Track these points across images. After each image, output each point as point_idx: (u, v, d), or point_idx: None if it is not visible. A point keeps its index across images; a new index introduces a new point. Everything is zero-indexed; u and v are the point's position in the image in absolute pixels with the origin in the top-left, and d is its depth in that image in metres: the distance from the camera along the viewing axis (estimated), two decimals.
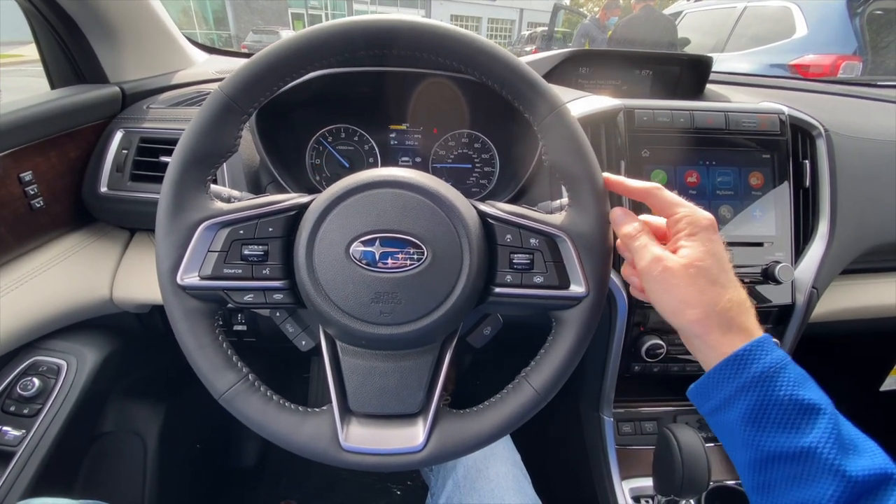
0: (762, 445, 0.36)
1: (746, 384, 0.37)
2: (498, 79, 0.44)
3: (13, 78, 4.47)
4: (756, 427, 0.36)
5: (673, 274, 0.40)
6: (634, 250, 0.43)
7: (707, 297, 0.39)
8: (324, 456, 0.43)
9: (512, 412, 0.45)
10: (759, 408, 0.36)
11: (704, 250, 0.40)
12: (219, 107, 0.42)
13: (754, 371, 0.37)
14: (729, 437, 0.39)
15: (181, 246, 0.43)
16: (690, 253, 0.40)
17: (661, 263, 0.41)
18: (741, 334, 0.39)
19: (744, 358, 0.37)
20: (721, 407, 0.39)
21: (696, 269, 0.39)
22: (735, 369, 0.38)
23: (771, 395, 0.36)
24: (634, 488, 0.78)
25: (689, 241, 0.41)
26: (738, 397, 0.37)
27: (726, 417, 0.38)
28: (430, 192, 0.43)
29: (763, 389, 0.36)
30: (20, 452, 0.65)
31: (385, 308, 0.42)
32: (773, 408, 0.36)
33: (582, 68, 0.96)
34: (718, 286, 0.39)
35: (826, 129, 0.75)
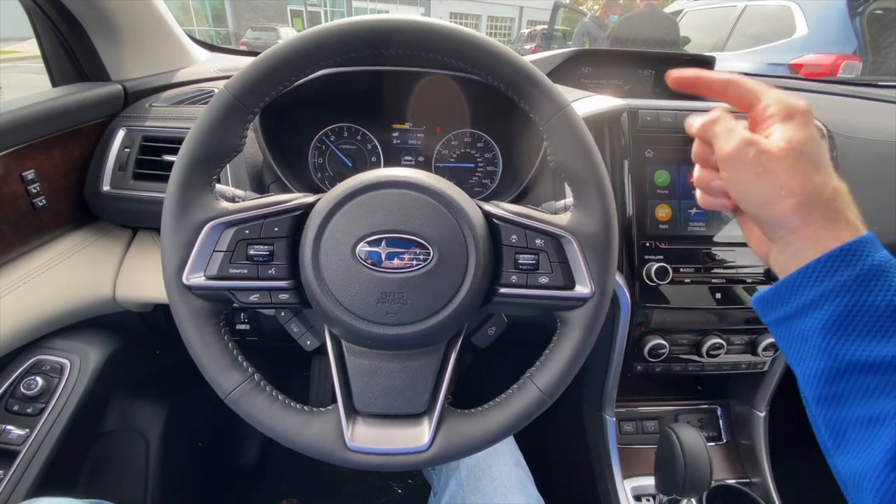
0: (842, 354, 0.32)
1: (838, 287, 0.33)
2: (503, 79, 0.44)
3: (11, 74, 4.45)
4: (840, 335, 0.32)
5: (771, 157, 0.35)
6: (718, 135, 0.38)
7: (813, 184, 0.34)
8: (330, 455, 0.43)
9: (517, 412, 0.45)
10: (849, 314, 0.32)
11: (806, 134, 0.35)
12: (225, 106, 0.42)
13: (851, 273, 0.32)
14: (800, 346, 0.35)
15: (187, 246, 0.43)
16: (791, 136, 0.35)
17: (755, 146, 0.35)
18: (847, 227, 0.34)
19: (840, 258, 0.33)
20: (797, 313, 0.35)
21: (799, 153, 0.34)
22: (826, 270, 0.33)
23: (866, 300, 0.32)
24: (636, 487, 0.78)
25: (786, 125, 0.36)
26: (824, 302, 0.33)
27: (801, 325, 0.34)
28: (436, 193, 0.43)
29: (858, 293, 0.32)
30: (24, 451, 0.65)
31: (391, 308, 0.42)
32: (867, 314, 0.32)
33: (584, 68, 0.96)
34: (823, 173, 0.34)
35: (828, 129, 0.76)
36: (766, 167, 0.35)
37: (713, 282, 0.71)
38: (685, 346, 0.76)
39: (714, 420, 0.88)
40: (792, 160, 0.34)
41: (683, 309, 0.72)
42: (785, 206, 0.35)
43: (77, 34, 0.79)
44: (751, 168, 0.36)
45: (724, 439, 0.87)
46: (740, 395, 0.89)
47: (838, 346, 0.32)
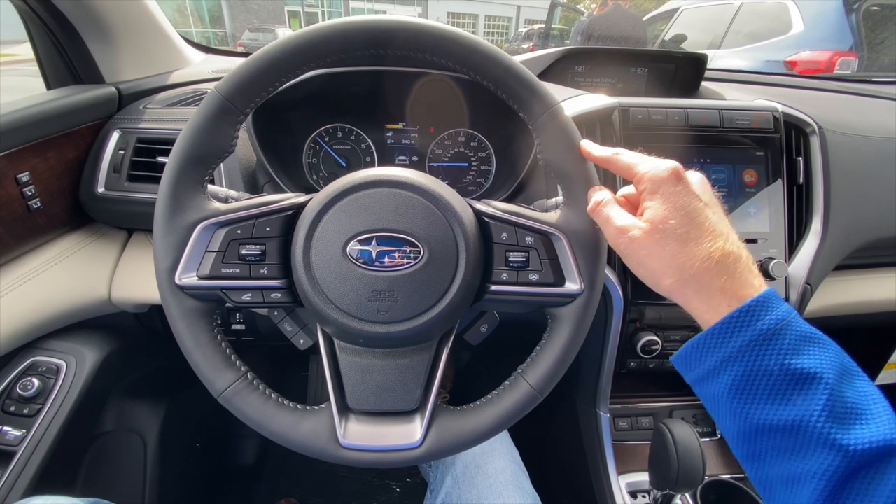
0: (750, 417, 0.33)
1: (732, 354, 0.34)
2: (493, 78, 0.44)
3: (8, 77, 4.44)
4: (743, 399, 0.33)
5: (639, 244, 0.37)
6: (601, 224, 0.41)
7: (680, 261, 0.35)
8: (323, 453, 0.44)
9: (509, 408, 0.45)
10: (746, 379, 0.33)
11: (669, 207, 0.36)
12: (215, 108, 0.42)
13: (741, 340, 0.33)
14: (715, 407, 0.36)
15: (179, 246, 0.43)
16: (653, 215, 0.37)
17: (624, 235, 0.38)
18: (724, 297, 0.34)
19: (730, 326, 0.34)
20: (705, 378, 0.36)
21: (662, 234, 0.36)
22: (719, 339, 0.34)
23: (758, 365, 0.33)
24: (631, 483, 0.79)
25: (651, 201, 0.37)
26: (724, 369, 0.34)
27: (711, 389, 0.36)
28: (426, 192, 0.44)
29: (751, 359, 0.33)
30: (21, 452, 0.65)
31: (382, 306, 0.42)
32: (762, 378, 0.33)
33: (578, 66, 0.96)
34: (691, 245, 0.35)
35: (820, 126, 0.76)
36: (638, 254, 0.37)
37: None
38: (678, 342, 0.76)
39: (708, 416, 0.89)
40: (657, 243, 0.36)
41: (676, 305, 0.72)
42: (664, 287, 0.37)
43: (71, 37, 0.80)
44: (628, 255, 0.39)
45: (718, 435, 0.87)
46: None
47: (745, 409, 0.33)
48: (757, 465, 0.34)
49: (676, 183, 0.37)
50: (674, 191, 0.37)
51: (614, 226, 0.39)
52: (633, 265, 0.39)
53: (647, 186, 0.38)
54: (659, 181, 0.37)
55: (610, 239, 0.40)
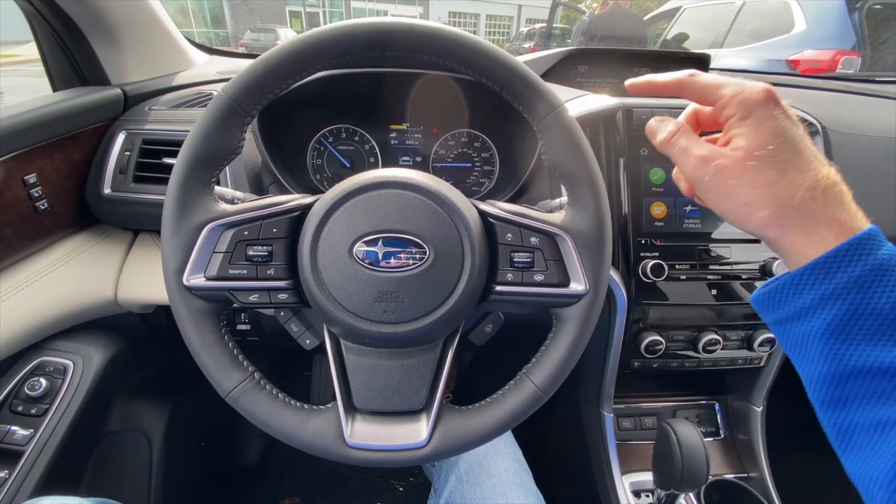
0: (846, 359, 0.30)
1: (837, 291, 0.30)
2: (497, 80, 0.44)
3: (11, 78, 4.45)
4: (842, 339, 0.30)
5: (729, 173, 0.33)
6: (675, 159, 0.37)
7: (779, 190, 0.32)
8: (329, 452, 0.44)
9: (514, 408, 0.46)
10: (850, 318, 0.30)
11: (766, 132, 0.32)
12: (222, 110, 0.43)
13: (850, 275, 0.30)
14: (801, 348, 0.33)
15: (187, 247, 0.43)
16: (748, 142, 0.33)
17: (710, 165, 0.34)
18: (831, 229, 0.31)
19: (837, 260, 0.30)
20: (796, 316, 0.32)
21: (758, 161, 0.32)
22: (823, 274, 0.31)
23: (867, 303, 0.30)
24: (634, 482, 0.79)
25: (742, 127, 0.33)
26: (823, 306, 0.31)
27: (802, 329, 0.32)
28: (431, 193, 0.44)
29: (857, 297, 0.30)
30: (28, 451, 0.66)
31: (388, 307, 0.43)
32: (869, 318, 0.30)
33: (580, 67, 0.96)
34: (793, 173, 0.32)
35: (823, 125, 0.76)
36: (726, 184, 0.33)
37: (709, 278, 0.71)
38: (682, 342, 0.77)
39: (712, 415, 0.89)
40: (751, 170, 0.32)
41: (680, 305, 0.73)
42: (756, 221, 0.33)
43: (77, 39, 0.80)
44: (712, 187, 0.35)
45: (722, 434, 0.87)
46: (737, 390, 0.89)
47: (841, 350, 0.31)
48: (840, 411, 0.31)
49: (773, 106, 0.33)
50: (771, 114, 0.33)
51: (696, 155, 0.35)
52: (716, 198, 0.35)
53: (735, 111, 0.34)
54: (753, 104, 0.33)
55: (690, 169, 0.35)
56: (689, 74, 0.38)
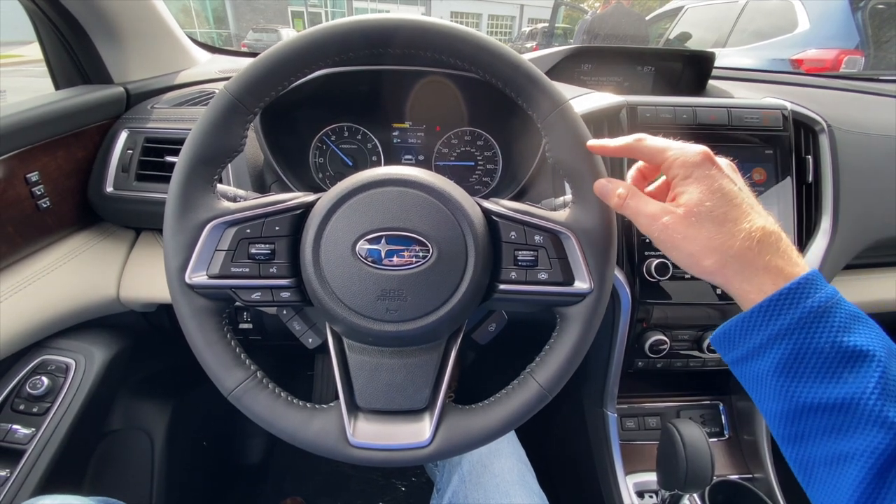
0: (796, 396, 0.32)
1: (780, 332, 0.33)
2: (501, 77, 0.44)
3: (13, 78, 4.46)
4: (790, 378, 0.32)
5: (674, 229, 0.36)
6: (630, 217, 0.40)
7: (717, 242, 0.35)
8: (332, 452, 0.44)
9: (517, 408, 0.45)
10: (795, 357, 0.32)
11: (703, 190, 0.36)
12: (225, 107, 0.43)
13: (791, 317, 0.32)
14: (757, 386, 0.35)
15: (189, 245, 0.43)
16: (688, 199, 0.36)
17: (658, 221, 0.37)
18: (768, 275, 0.34)
19: (779, 304, 0.33)
20: (749, 356, 0.35)
21: (697, 217, 0.35)
22: (766, 317, 0.33)
23: (809, 343, 0.32)
24: (638, 483, 0.79)
25: (684, 186, 0.37)
26: (770, 346, 0.33)
27: (755, 368, 0.35)
28: (434, 190, 0.44)
29: (800, 337, 0.32)
30: (30, 450, 0.65)
31: (391, 305, 0.42)
32: (812, 357, 0.32)
33: (584, 65, 0.96)
34: (729, 225, 0.35)
35: (829, 124, 0.76)
36: (673, 238, 0.37)
37: None
38: (686, 341, 0.76)
39: (716, 415, 0.88)
40: (692, 226, 0.35)
41: (684, 305, 0.72)
42: (702, 269, 0.37)
43: (79, 37, 0.80)
44: (662, 241, 0.38)
45: (727, 435, 0.87)
46: (742, 390, 0.88)
47: (791, 387, 0.33)
48: (799, 446, 0.33)
49: (710, 167, 0.37)
50: (707, 174, 0.36)
51: (646, 214, 0.38)
52: (668, 250, 0.39)
53: (678, 172, 0.38)
54: (691, 165, 0.37)
55: (643, 227, 0.39)
56: (636, 139, 0.41)
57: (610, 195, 0.41)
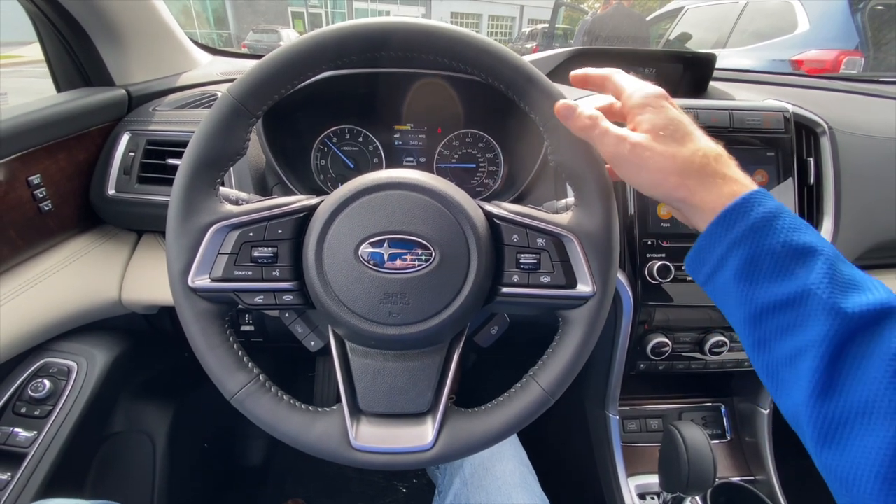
0: (756, 298, 0.35)
1: (737, 239, 0.36)
2: (503, 79, 0.44)
3: (13, 79, 4.47)
4: (749, 281, 0.35)
5: (643, 148, 0.39)
6: (596, 140, 0.42)
7: (682, 157, 0.38)
8: (335, 455, 0.44)
9: (520, 411, 0.45)
10: (751, 260, 0.35)
11: (663, 117, 0.40)
12: (228, 110, 0.43)
13: (745, 224, 0.35)
14: (724, 298, 0.38)
15: (192, 248, 0.43)
16: (652, 124, 0.40)
17: (627, 142, 0.40)
18: (727, 183, 0.37)
19: (734, 213, 0.36)
20: (715, 269, 0.38)
21: (661, 137, 0.39)
22: (726, 226, 0.36)
23: (762, 244, 0.35)
24: (640, 485, 0.79)
25: (646, 114, 0.40)
26: (730, 254, 0.36)
27: (720, 279, 0.38)
28: (437, 194, 0.44)
29: (754, 240, 0.35)
30: (32, 453, 0.65)
31: (394, 309, 0.42)
32: (766, 258, 0.35)
33: (585, 67, 0.96)
34: (690, 144, 0.39)
35: (830, 126, 0.76)
36: (641, 156, 0.39)
37: None
38: (688, 343, 0.76)
39: (718, 417, 0.89)
40: (657, 143, 0.39)
41: (686, 307, 0.72)
42: (668, 185, 0.39)
43: (81, 39, 0.80)
44: (630, 160, 0.40)
45: (728, 437, 0.87)
46: (744, 392, 0.89)
47: (750, 291, 0.35)
48: (764, 352, 0.36)
49: (665, 100, 0.41)
50: (663, 105, 0.41)
51: (615, 134, 0.40)
52: (633, 171, 0.41)
53: (638, 101, 0.41)
54: (650, 96, 0.41)
55: (610, 147, 0.41)
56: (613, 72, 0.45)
57: (578, 117, 0.42)
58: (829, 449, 0.31)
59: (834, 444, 0.31)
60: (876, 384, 0.29)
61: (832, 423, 0.31)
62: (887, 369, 0.29)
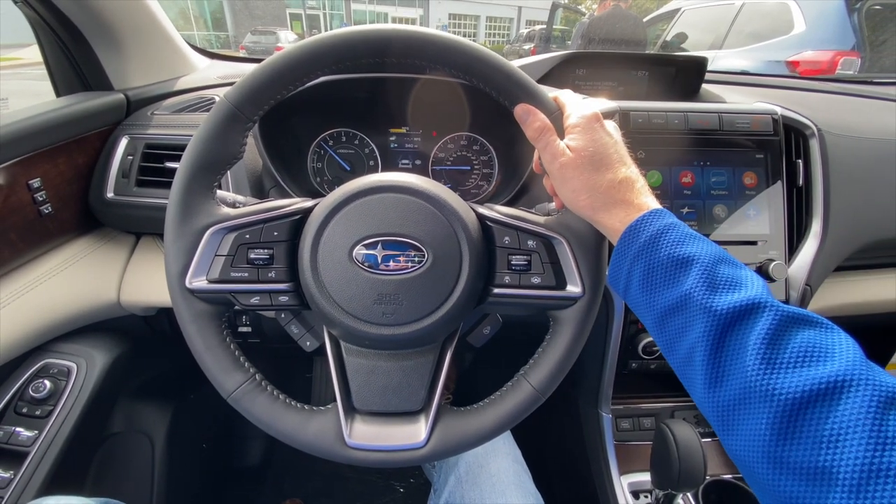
0: (655, 305, 0.40)
1: (635, 255, 0.41)
2: (495, 86, 0.45)
3: (12, 82, 4.47)
4: (649, 290, 0.40)
5: (566, 167, 0.43)
6: (539, 150, 0.46)
7: (591, 181, 0.43)
8: (329, 453, 0.45)
9: (511, 409, 0.46)
10: (647, 272, 0.40)
11: (588, 139, 0.43)
12: (225, 115, 0.44)
13: (639, 242, 0.40)
14: (637, 308, 0.42)
15: (189, 251, 0.44)
16: (577, 145, 0.43)
17: (558, 160, 0.44)
18: (623, 207, 0.42)
19: (630, 234, 0.41)
20: (627, 284, 0.42)
21: (582, 159, 0.43)
22: (626, 245, 0.41)
23: (653, 258, 0.40)
24: (633, 483, 0.79)
25: (575, 134, 0.44)
26: (633, 269, 0.41)
27: (631, 292, 0.42)
28: (430, 196, 0.45)
29: (647, 256, 0.40)
30: (33, 453, 0.66)
31: (387, 309, 0.43)
32: (657, 269, 0.39)
33: (579, 70, 0.97)
34: (602, 170, 0.43)
35: (819, 128, 0.77)
36: (564, 175, 0.44)
37: None
38: None
39: None
40: (578, 167, 0.43)
41: None
42: (580, 203, 0.44)
43: (80, 45, 0.81)
44: (556, 177, 0.45)
45: None
46: None
47: (651, 299, 0.40)
48: (672, 354, 0.40)
49: (596, 121, 0.44)
50: (593, 127, 0.44)
51: (552, 151, 0.44)
52: (557, 185, 0.46)
53: (572, 122, 0.45)
54: (583, 118, 0.44)
55: (546, 159, 0.45)
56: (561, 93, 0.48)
57: (531, 123, 0.45)
58: (726, 436, 0.34)
59: (729, 431, 0.34)
60: (749, 371, 0.33)
61: (723, 411, 0.34)
62: (756, 355, 0.33)
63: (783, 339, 0.33)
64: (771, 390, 0.31)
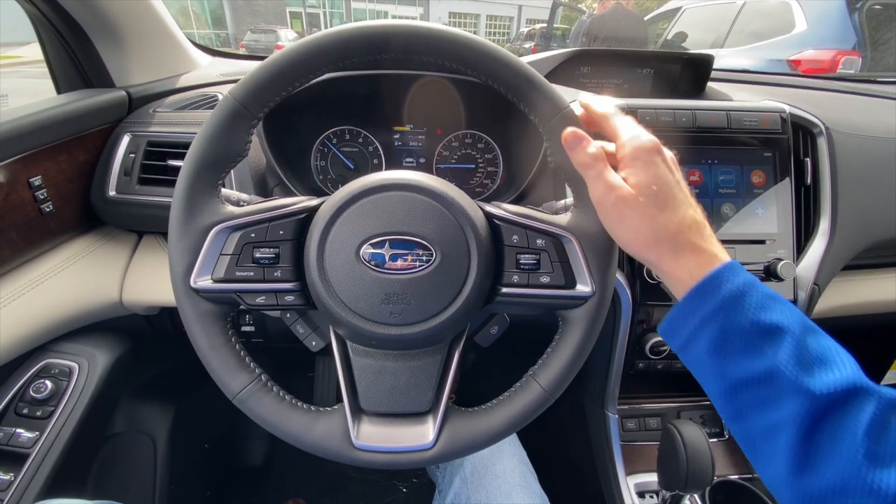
0: (728, 374, 0.36)
1: (708, 315, 0.37)
2: (502, 81, 0.44)
3: (13, 80, 4.45)
4: (721, 356, 0.36)
5: (625, 203, 0.39)
6: (589, 181, 0.42)
7: (656, 223, 0.39)
8: (336, 454, 0.44)
9: (520, 410, 0.46)
10: (722, 337, 0.36)
11: (651, 175, 0.39)
12: (229, 112, 0.43)
13: (715, 301, 0.36)
14: (700, 369, 0.39)
15: (194, 249, 0.44)
16: (638, 181, 0.40)
17: (613, 193, 0.40)
18: (694, 255, 0.38)
19: (704, 289, 0.37)
20: (689, 341, 0.39)
21: (646, 197, 0.39)
22: (696, 302, 0.37)
23: (732, 322, 0.36)
24: (639, 483, 0.79)
25: (634, 168, 0.40)
26: (702, 329, 0.37)
27: (694, 351, 0.38)
28: (437, 195, 0.44)
29: (724, 318, 0.36)
30: (34, 454, 0.66)
31: (395, 309, 0.43)
32: (736, 335, 0.35)
33: (583, 68, 0.96)
34: (668, 211, 0.39)
35: (827, 126, 0.76)
36: (622, 212, 0.40)
37: None
38: None
39: (716, 416, 0.89)
40: (640, 204, 0.39)
41: None
42: (639, 245, 0.40)
43: (81, 41, 0.80)
44: (611, 213, 0.41)
45: (727, 435, 0.87)
46: None
47: (723, 366, 0.36)
48: (740, 423, 0.37)
49: (657, 155, 0.40)
50: (654, 161, 0.40)
51: (606, 181, 0.40)
52: (612, 223, 0.42)
53: (629, 153, 0.40)
54: (642, 150, 0.40)
55: (597, 193, 0.41)
56: (610, 114, 0.44)
57: (580, 151, 0.42)
58: None
59: None
60: (849, 463, 0.30)
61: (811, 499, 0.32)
62: (859, 449, 0.30)
63: (888, 431, 0.31)
64: (876, 487, 0.29)
